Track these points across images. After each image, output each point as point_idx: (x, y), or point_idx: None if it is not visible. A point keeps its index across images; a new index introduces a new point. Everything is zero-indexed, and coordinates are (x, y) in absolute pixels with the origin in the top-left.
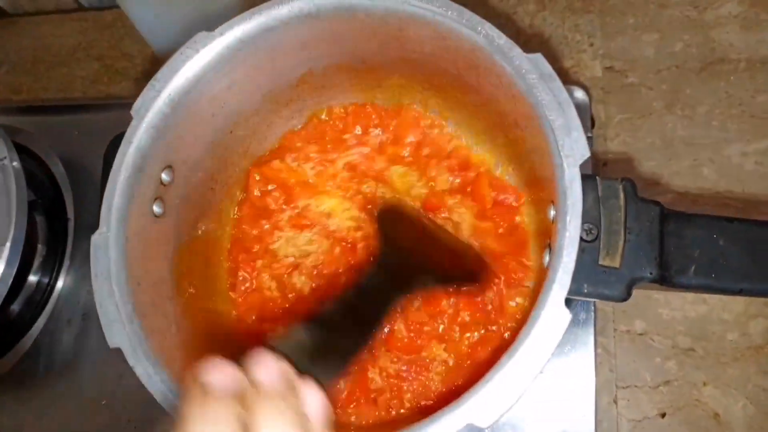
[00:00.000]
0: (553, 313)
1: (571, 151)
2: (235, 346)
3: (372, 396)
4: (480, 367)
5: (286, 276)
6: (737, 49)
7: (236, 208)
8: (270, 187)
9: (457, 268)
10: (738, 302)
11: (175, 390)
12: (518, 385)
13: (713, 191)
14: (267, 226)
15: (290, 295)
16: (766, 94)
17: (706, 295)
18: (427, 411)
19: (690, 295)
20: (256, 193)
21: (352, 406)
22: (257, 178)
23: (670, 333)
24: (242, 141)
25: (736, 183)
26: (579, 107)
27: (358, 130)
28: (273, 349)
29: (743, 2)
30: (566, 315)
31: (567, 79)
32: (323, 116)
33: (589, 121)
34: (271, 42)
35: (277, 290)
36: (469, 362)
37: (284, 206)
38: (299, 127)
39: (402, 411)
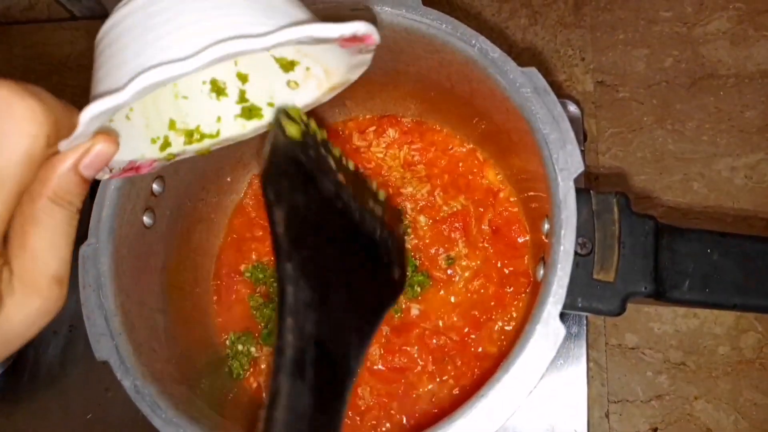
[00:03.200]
0: (547, 327)
1: (566, 164)
2: (224, 361)
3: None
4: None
5: (272, 289)
6: (726, 65)
7: (228, 219)
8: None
9: (376, 276)
10: (729, 316)
11: (164, 405)
12: (513, 401)
13: (704, 205)
14: (260, 233)
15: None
16: (754, 110)
17: (697, 309)
18: (417, 429)
19: (681, 309)
20: (247, 201)
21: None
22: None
23: (662, 347)
24: (235, 151)
25: (726, 197)
26: (572, 121)
27: (360, 141)
28: None
29: (732, 19)
30: (561, 329)
31: (559, 93)
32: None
33: (581, 135)
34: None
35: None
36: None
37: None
38: None
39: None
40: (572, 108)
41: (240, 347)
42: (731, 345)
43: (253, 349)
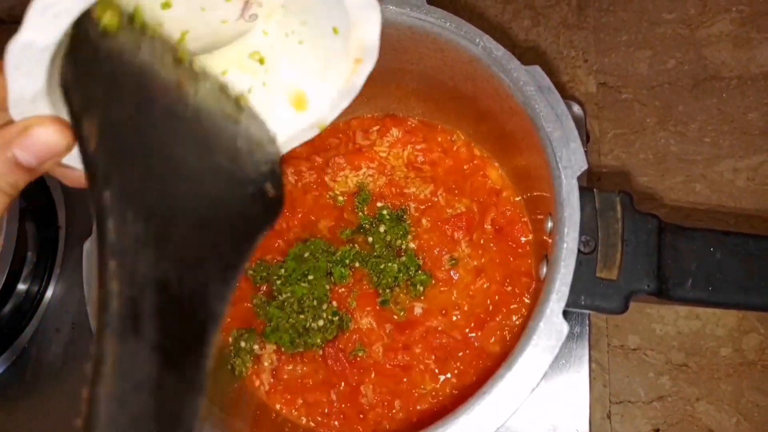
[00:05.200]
0: (551, 324)
1: (569, 162)
2: (227, 358)
3: (362, 411)
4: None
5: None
6: (729, 67)
7: None
8: None
9: (237, 195)
10: (731, 317)
11: None
12: (516, 398)
13: (706, 206)
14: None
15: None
16: (757, 111)
17: (699, 310)
18: (420, 426)
19: (683, 310)
20: None
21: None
22: None
23: (664, 348)
24: None
25: (728, 198)
26: (575, 122)
27: (364, 140)
28: None
29: (735, 21)
30: (564, 327)
31: (562, 94)
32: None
33: (584, 135)
34: None
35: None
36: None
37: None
38: None
39: (391, 426)
40: (575, 109)
41: (243, 344)
42: (733, 346)
43: (256, 347)
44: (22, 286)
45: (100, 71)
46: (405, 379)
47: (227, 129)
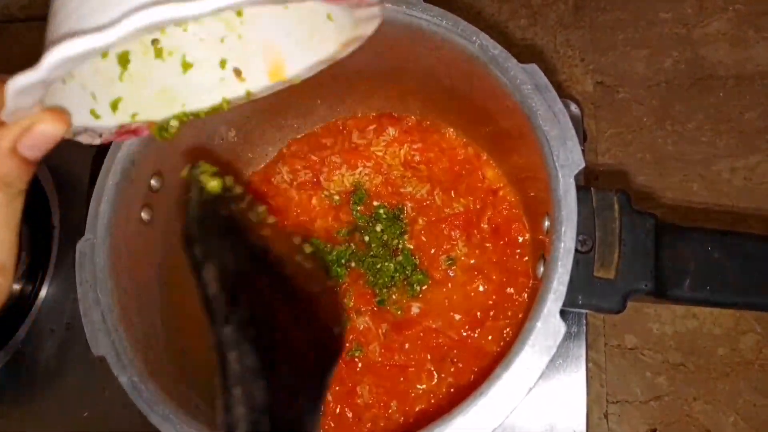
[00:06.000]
0: (548, 324)
1: (566, 161)
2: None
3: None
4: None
5: None
6: (726, 66)
7: None
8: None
9: (317, 336)
10: (728, 317)
11: (161, 401)
12: (513, 398)
13: (703, 205)
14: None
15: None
16: (754, 111)
17: (696, 310)
18: (417, 427)
19: (680, 310)
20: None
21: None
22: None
23: (661, 348)
24: (233, 148)
25: (725, 198)
26: (572, 121)
27: (360, 139)
28: None
29: (732, 20)
30: (561, 326)
31: (559, 93)
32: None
33: (581, 134)
34: None
35: None
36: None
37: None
38: (299, 136)
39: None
40: (572, 108)
41: None
42: (730, 346)
43: None
44: (16, 287)
45: (211, 226)
46: (401, 379)
47: (300, 274)
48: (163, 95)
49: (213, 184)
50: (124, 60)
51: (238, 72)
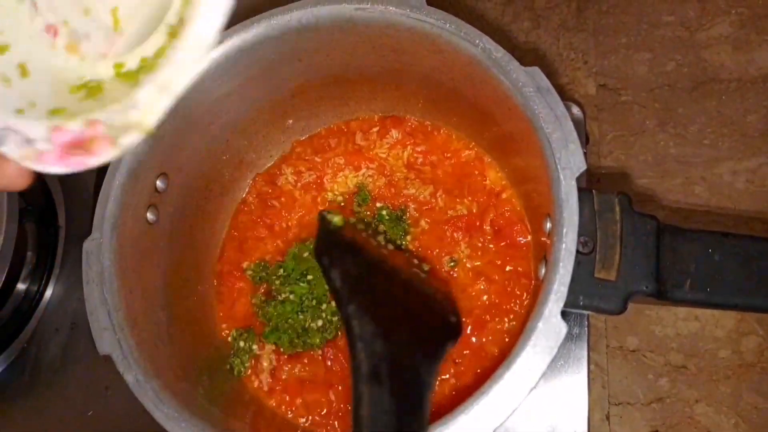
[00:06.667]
0: (549, 324)
1: (568, 163)
2: (226, 358)
3: None
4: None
5: (274, 289)
6: (728, 69)
7: (230, 217)
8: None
9: (432, 320)
10: (730, 319)
11: (165, 399)
12: (515, 398)
13: (705, 208)
14: (263, 233)
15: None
16: (756, 114)
17: (698, 312)
18: None
19: (682, 312)
20: (250, 200)
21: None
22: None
23: (663, 350)
24: (238, 150)
25: (727, 200)
26: (574, 124)
27: (363, 141)
28: None
29: (734, 23)
30: (563, 327)
31: (562, 96)
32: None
33: (584, 137)
34: (269, 52)
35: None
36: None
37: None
38: (303, 137)
39: None
40: (574, 111)
41: (242, 344)
42: (732, 348)
43: (255, 347)
44: (21, 286)
45: (334, 244)
46: None
47: (416, 279)
48: None
49: (336, 220)
50: None
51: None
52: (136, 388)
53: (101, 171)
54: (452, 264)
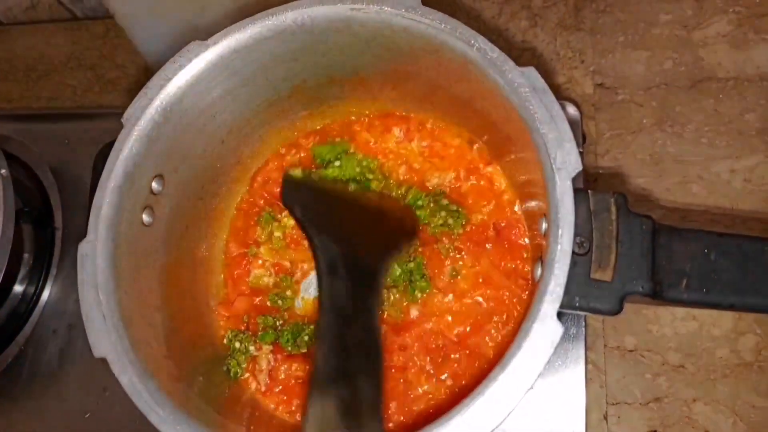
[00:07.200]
0: (545, 325)
1: (564, 164)
2: (222, 359)
3: None
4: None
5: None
6: (725, 68)
7: (227, 219)
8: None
9: (397, 228)
10: (727, 318)
11: (161, 402)
12: (510, 399)
13: (702, 207)
14: (261, 237)
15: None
16: (754, 112)
17: (695, 312)
18: (415, 427)
19: (680, 312)
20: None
21: None
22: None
23: (660, 349)
24: (234, 151)
25: (725, 199)
26: (571, 123)
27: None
28: None
29: (732, 22)
30: (558, 328)
31: (559, 95)
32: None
33: (580, 136)
34: (265, 52)
35: (266, 303)
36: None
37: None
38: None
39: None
40: (571, 110)
41: (238, 345)
42: (730, 347)
43: (252, 348)
44: (18, 288)
45: (295, 188)
46: (401, 381)
47: (371, 199)
48: None
49: (295, 172)
50: None
51: None
52: (131, 390)
53: (96, 172)
54: (453, 274)
